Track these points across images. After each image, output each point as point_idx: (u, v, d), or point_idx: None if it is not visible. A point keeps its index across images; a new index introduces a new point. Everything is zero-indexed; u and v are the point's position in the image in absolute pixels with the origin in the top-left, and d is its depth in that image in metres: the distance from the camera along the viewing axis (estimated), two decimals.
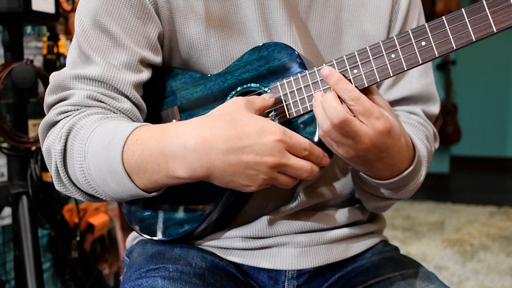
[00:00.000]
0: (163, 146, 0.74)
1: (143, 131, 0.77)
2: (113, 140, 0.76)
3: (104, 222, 2.18)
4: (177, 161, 0.73)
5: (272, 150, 0.72)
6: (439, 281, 0.88)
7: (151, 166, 0.75)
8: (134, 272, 0.83)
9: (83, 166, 0.78)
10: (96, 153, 0.77)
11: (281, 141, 0.72)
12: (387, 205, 0.91)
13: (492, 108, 5.51)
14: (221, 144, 0.72)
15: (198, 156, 0.72)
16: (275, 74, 0.82)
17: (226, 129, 0.72)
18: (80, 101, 0.82)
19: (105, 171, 0.77)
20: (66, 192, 0.84)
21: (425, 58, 0.72)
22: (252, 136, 0.72)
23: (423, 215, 3.77)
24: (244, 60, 0.85)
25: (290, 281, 0.90)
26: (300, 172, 0.74)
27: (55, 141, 0.81)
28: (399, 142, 0.77)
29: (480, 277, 2.66)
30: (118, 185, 0.77)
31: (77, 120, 0.80)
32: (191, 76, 0.88)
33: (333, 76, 0.73)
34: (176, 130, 0.75)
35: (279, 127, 0.73)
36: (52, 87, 0.85)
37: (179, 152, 0.73)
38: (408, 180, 0.84)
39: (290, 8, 0.88)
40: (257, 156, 0.72)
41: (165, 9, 0.85)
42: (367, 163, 0.78)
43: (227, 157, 0.72)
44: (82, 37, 0.84)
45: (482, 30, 0.69)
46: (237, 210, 0.89)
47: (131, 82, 0.83)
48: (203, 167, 0.72)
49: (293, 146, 0.74)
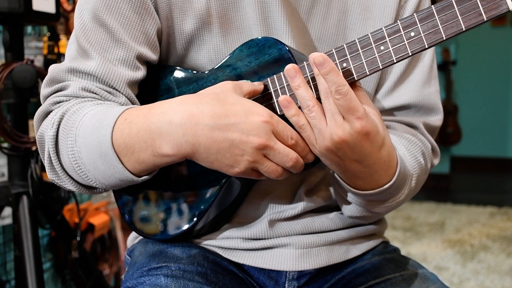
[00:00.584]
0: (149, 122, 0.73)
1: (132, 110, 0.77)
2: (104, 121, 0.76)
3: (105, 222, 2.18)
4: (163, 137, 0.72)
5: (258, 131, 0.71)
6: (439, 281, 0.88)
7: (138, 145, 0.74)
8: (136, 270, 0.84)
9: (74, 149, 0.78)
10: (87, 135, 0.77)
11: (268, 122, 0.72)
12: (363, 216, 0.89)
13: (493, 108, 5.51)
14: (207, 120, 0.71)
15: (184, 130, 0.71)
16: (266, 70, 0.81)
17: (213, 106, 0.72)
18: (75, 93, 0.82)
19: (95, 153, 0.76)
20: (58, 181, 0.83)
21: (414, 49, 0.70)
22: (239, 115, 0.71)
23: (424, 216, 3.77)
24: (235, 56, 0.84)
25: (291, 282, 0.90)
26: (285, 159, 0.73)
27: (47, 128, 0.81)
28: (379, 152, 0.75)
29: (480, 278, 2.66)
30: (108, 167, 0.77)
31: (69, 106, 0.81)
32: (184, 74, 0.88)
33: (326, 66, 0.70)
34: (163, 106, 0.75)
35: (266, 110, 0.73)
36: (48, 79, 0.85)
37: (165, 127, 0.72)
38: (386, 196, 0.82)
39: (290, 9, 0.88)
40: (243, 135, 0.71)
41: (164, 5, 0.85)
42: (341, 163, 0.75)
43: (213, 133, 0.71)
44: (81, 32, 0.84)
45: (472, 18, 0.68)
46: (234, 208, 0.89)
47: (126, 79, 0.83)
48: (188, 142, 0.72)
49: (280, 132, 0.73)
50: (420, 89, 0.93)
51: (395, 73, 0.93)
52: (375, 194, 0.80)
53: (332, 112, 0.71)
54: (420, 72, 0.94)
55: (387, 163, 0.77)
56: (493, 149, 5.57)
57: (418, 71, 0.94)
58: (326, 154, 0.74)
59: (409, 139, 0.91)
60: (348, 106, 0.70)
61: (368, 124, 0.71)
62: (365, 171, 0.76)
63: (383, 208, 0.85)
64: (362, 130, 0.71)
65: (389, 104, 0.94)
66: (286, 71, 0.73)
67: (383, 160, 0.76)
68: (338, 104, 0.70)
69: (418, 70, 0.94)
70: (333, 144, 0.72)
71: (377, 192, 0.80)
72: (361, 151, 0.73)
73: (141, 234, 0.90)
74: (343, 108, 0.70)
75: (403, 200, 0.86)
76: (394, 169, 0.79)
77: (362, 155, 0.74)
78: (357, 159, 0.74)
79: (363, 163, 0.75)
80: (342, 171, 0.78)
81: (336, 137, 0.71)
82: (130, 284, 0.80)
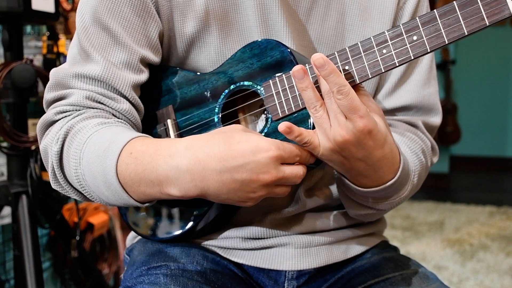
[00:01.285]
0: (156, 164, 0.74)
1: (138, 144, 0.77)
2: (108, 150, 0.76)
3: (104, 221, 2.18)
4: (170, 181, 0.73)
5: (267, 168, 0.71)
6: (438, 281, 0.88)
7: (144, 182, 0.75)
8: (135, 270, 0.84)
9: (78, 171, 0.79)
10: (91, 161, 0.77)
11: (277, 157, 0.72)
12: (368, 214, 0.89)
13: (492, 108, 5.51)
14: (214, 164, 0.71)
15: (192, 176, 0.72)
16: (267, 71, 0.81)
17: (219, 148, 0.72)
18: (79, 102, 0.82)
19: (100, 180, 0.77)
20: (62, 191, 0.84)
21: (416, 53, 0.71)
22: (246, 155, 0.71)
23: (423, 215, 3.77)
24: (237, 58, 0.84)
25: (290, 282, 0.90)
26: (295, 180, 0.74)
27: (52, 142, 0.81)
28: (382, 149, 0.75)
29: (479, 277, 2.66)
30: (112, 194, 0.78)
31: (75, 122, 0.80)
32: (185, 75, 0.88)
33: (326, 68, 0.70)
34: (169, 149, 0.75)
35: (272, 143, 0.72)
36: (51, 84, 0.85)
37: (172, 172, 0.73)
38: (390, 192, 0.82)
39: (289, 10, 0.88)
40: (253, 175, 0.71)
41: (166, 7, 0.85)
42: (346, 162, 0.76)
43: (221, 177, 0.72)
44: (83, 34, 0.84)
45: (474, 23, 0.68)
46: (235, 210, 0.89)
47: (130, 82, 0.83)
48: (197, 186, 0.73)
49: (287, 158, 0.73)
50: (419, 90, 0.94)
51: (395, 74, 0.93)
52: (380, 191, 0.81)
53: (334, 113, 0.72)
54: (419, 73, 0.94)
55: (390, 160, 0.77)
56: (492, 148, 5.57)
57: (417, 72, 0.95)
58: (330, 154, 0.75)
59: (410, 137, 0.92)
60: (350, 105, 0.70)
61: (370, 123, 0.71)
62: (369, 169, 0.77)
63: (387, 205, 0.86)
64: (365, 128, 0.71)
65: (389, 105, 0.95)
66: (293, 72, 0.73)
67: (386, 157, 0.76)
68: (340, 104, 0.71)
69: (418, 71, 0.95)
70: (337, 145, 0.73)
71: (382, 189, 0.80)
72: (365, 150, 0.73)
73: (140, 235, 0.90)
74: (345, 108, 0.70)
75: (406, 196, 0.86)
76: (397, 166, 0.80)
77: (366, 153, 0.74)
78: (361, 157, 0.74)
79: (367, 161, 0.75)
80: (347, 170, 0.78)
81: (340, 137, 0.72)
82: (129, 283, 0.80)
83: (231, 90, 0.84)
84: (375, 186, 0.80)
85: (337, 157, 0.75)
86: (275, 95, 0.79)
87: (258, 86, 0.82)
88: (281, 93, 0.79)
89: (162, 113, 0.90)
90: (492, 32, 5.36)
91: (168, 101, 0.89)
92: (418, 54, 0.71)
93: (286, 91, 0.78)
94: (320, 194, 0.93)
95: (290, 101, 0.78)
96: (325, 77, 0.71)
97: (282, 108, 0.79)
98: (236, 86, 0.84)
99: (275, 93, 0.79)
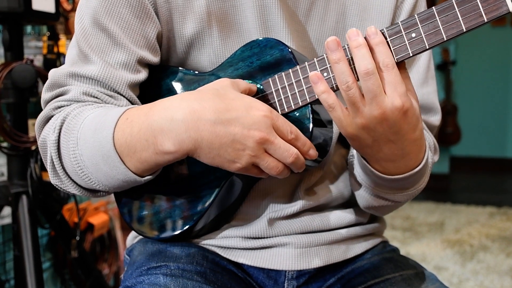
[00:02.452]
0: (151, 120, 0.74)
1: (133, 109, 0.77)
2: (105, 122, 0.77)
3: (104, 221, 2.18)
4: (164, 133, 0.73)
5: (259, 125, 0.72)
6: (438, 282, 0.88)
7: (140, 144, 0.74)
8: (135, 270, 0.84)
9: (76, 152, 0.78)
10: (88, 137, 0.77)
11: (268, 117, 0.72)
12: (382, 206, 0.89)
13: (492, 108, 5.51)
14: (209, 115, 0.72)
15: (186, 126, 0.72)
16: (267, 70, 0.82)
17: (214, 101, 0.73)
18: (76, 97, 0.82)
19: (97, 155, 0.77)
20: (61, 185, 0.84)
21: (415, 50, 0.71)
22: (239, 109, 0.72)
23: (423, 216, 3.77)
24: (237, 57, 0.85)
25: (290, 282, 0.90)
26: (286, 155, 0.73)
27: (49, 133, 0.81)
28: (414, 133, 0.73)
29: (479, 278, 2.66)
30: (110, 168, 0.77)
31: (70, 110, 0.81)
32: (185, 74, 0.89)
33: (378, 36, 0.70)
34: (164, 103, 0.75)
35: (265, 105, 0.74)
36: (49, 83, 0.86)
37: (166, 124, 0.73)
38: (411, 181, 0.82)
39: (289, 11, 0.88)
40: (244, 129, 0.72)
41: (164, 9, 0.85)
42: (375, 144, 0.74)
43: (215, 128, 0.72)
44: (81, 36, 0.84)
45: (473, 19, 0.68)
46: (234, 208, 0.89)
47: (127, 82, 0.84)
48: (191, 137, 0.72)
49: (279, 126, 0.73)
50: (417, 89, 0.93)
51: None
52: (402, 179, 0.79)
53: (373, 89, 0.69)
54: (417, 72, 0.95)
55: (418, 146, 0.76)
56: (492, 149, 5.57)
57: (415, 71, 0.95)
58: (360, 133, 0.73)
59: None
60: (394, 79, 0.69)
61: (408, 102, 0.70)
62: (397, 153, 0.75)
63: (404, 197, 0.85)
64: (403, 107, 0.70)
65: None
66: (327, 43, 0.71)
67: (416, 143, 0.75)
68: (383, 76, 0.69)
69: (415, 70, 0.95)
70: (371, 122, 0.71)
71: (406, 177, 0.79)
72: (398, 131, 0.72)
73: (141, 234, 0.90)
74: (387, 82, 0.69)
75: (421, 188, 0.86)
76: (423, 154, 0.79)
77: (399, 135, 0.72)
78: (393, 138, 0.73)
79: (398, 143, 0.73)
80: (374, 153, 0.77)
81: (377, 113, 0.70)
82: (129, 283, 0.80)
83: None
84: (399, 173, 0.79)
85: (367, 137, 0.73)
86: (275, 93, 0.80)
87: (258, 84, 0.82)
88: (281, 91, 0.79)
89: None
90: (493, 33, 5.36)
91: None
92: (416, 51, 0.71)
93: (285, 89, 0.79)
94: (320, 194, 0.93)
95: (290, 99, 0.79)
96: (375, 45, 0.69)
97: (281, 106, 0.80)
98: None
99: (275, 91, 0.80)
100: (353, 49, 0.70)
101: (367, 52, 0.70)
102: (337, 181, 0.95)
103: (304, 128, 0.78)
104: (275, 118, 0.73)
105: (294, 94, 0.78)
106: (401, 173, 0.79)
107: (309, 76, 0.73)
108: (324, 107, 0.74)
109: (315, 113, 0.79)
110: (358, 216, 0.95)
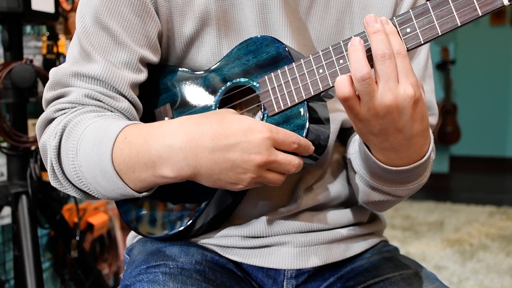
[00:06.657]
0: (149, 145, 0.74)
1: (132, 129, 0.77)
2: (104, 138, 0.77)
3: (104, 221, 2.18)
4: (163, 160, 0.73)
5: (259, 148, 0.71)
6: (438, 281, 0.88)
7: (138, 165, 0.75)
8: (134, 269, 0.84)
9: (75, 163, 0.79)
10: (87, 151, 0.78)
11: (269, 138, 0.72)
12: (382, 201, 0.88)
13: (492, 108, 5.52)
14: (207, 142, 0.72)
15: (184, 154, 0.72)
16: (263, 68, 0.82)
17: (212, 126, 0.72)
18: (78, 99, 0.82)
19: (96, 169, 0.77)
20: (61, 189, 0.85)
21: (410, 45, 0.71)
22: (238, 134, 0.72)
23: (423, 215, 3.77)
24: (233, 55, 0.85)
25: (289, 281, 0.90)
26: (288, 167, 0.74)
27: (50, 138, 0.82)
28: (422, 123, 0.73)
29: (479, 277, 2.66)
30: (109, 183, 0.78)
31: (72, 117, 0.81)
32: (182, 73, 0.89)
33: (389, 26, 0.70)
34: (162, 129, 0.75)
35: (265, 125, 0.73)
36: (51, 83, 0.86)
37: (165, 151, 0.73)
38: (414, 174, 0.81)
39: (290, 9, 0.88)
40: (244, 154, 0.71)
41: (165, 7, 0.85)
42: (382, 133, 0.74)
43: (213, 155, 0.72)
44: (83, 35, 0.84)
45: (467, 14, 0.68)
46: (232, 208, 0.89)
47: (129, 82, 0.84)
48: (189, 165, 0.72)
49: (281, 143, 0.73)
50: None
51: None
52: (405, 172, 0.79)
53: (387, 75, 0.69)
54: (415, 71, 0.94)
55: (424, 138, 0.76)
56: (492, 148, 5.58)
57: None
58: (370, 120, 0.72)
59: None
60: (405, 69, 0.69)
61: (418, 92, 0.70)
62: (404, 143, 0.75)
63: (405, 191, 0.85)
64: (414, 96, 0.69)
65: None
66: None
67: (423, 134, 0.75)
68: (399, 65, 0.69)
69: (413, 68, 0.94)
70: (381, 109, 0.70)
71: (408, 169, 0.79)
72: (407, 120, 0.71)
73: (140, 234, 0.90)
74: (400, 70, 0.69)
75: (423, 183, 0.85)
76: (427, 147, 0.79)
77: (407, 125, 0.72)
78: (401, 127, 0.72)
79: (406, 133, 0.73)
80: (380, 141, 0.76)
81: (388, 101, 0.69)
82: (128, 282, 0.80)
83: (228, 87, 0.85)
84: (403, 164, 0.78)
85: (376, 124, 0.72)
86: (271, 90, 0.80)
87: (254, 82, 0.82)
88: (277, 88, 0.79)
89: (160, 112, 0.90)
90: (492, 32, 5.37)
91: (166, 99, 0.90)
92: (412, 46, 0.71)
93: (281, 87, 0.79)
94: (319, 193, 0.93)
95: (286, 96, 0.79)
96: (389, 33, 0.69)
97: (277, 103, 0.80)
98: (232, 83, 0.84)
99: (271, 89, 0.80)
100: (371, 35, 0.70)
101: (385, 37, 0.69)
102: (336, 181, 0.95)
103: (300, 125, 0.79)
104: (276, 136, 0.73)
105: (290, 91, 0.78)
106: (404, 165, 0.79)
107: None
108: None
109: (312, 110, 0.79)
110: (357, 216, 0.95)
